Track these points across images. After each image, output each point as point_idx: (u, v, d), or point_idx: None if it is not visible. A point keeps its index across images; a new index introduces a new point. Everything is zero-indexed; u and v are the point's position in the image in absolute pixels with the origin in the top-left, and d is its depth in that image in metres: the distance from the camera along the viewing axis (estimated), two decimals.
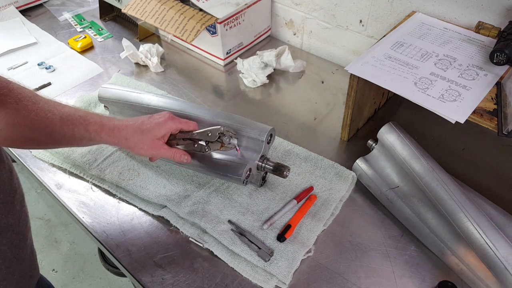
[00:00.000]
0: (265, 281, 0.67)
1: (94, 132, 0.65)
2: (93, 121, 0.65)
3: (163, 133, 0.70)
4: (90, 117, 0.65)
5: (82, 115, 0.64)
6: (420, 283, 0.67)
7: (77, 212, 0.78)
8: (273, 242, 0.71)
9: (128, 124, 0.68)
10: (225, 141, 0.71)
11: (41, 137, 0.61)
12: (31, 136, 0.60)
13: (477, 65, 0.75)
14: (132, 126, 0.68)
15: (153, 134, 0.69)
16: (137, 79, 1.09)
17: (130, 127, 0.68)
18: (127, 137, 0.67)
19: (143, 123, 0.69)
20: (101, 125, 0.66)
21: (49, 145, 0.66)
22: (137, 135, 0.68)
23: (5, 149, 0.69)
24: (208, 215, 0.75)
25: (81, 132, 0.64)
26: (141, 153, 0.70)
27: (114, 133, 0.67)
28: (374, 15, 0.98)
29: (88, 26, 1.30)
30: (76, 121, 0.63)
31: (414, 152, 0.73)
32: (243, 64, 1.08)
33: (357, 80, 0.77)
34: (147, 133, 0.68)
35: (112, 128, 0.67)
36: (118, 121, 0.68)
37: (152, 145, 0.69)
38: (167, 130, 0.70)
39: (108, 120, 0.67)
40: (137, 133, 0.68)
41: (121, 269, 0.74)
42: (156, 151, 0.70)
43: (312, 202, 0.77)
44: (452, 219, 0.65)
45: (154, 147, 0.69)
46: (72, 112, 0.63)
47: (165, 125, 0.70)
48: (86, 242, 1.69)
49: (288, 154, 0.86)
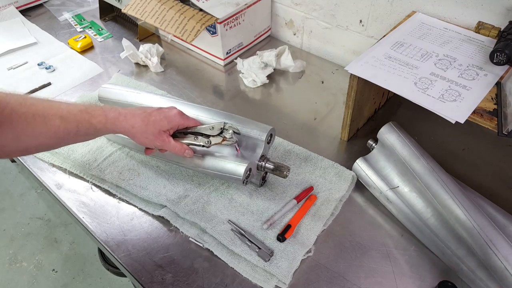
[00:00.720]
0: (265, 281, 0.67)
1: (99, 124, 0.66)
2: (96, 113, 0.66)
3: (170, 126, 0.71)
4: (92, 110, 0.66)
5: (83, 109, 0.65)
6: (420, 283, 0.67)
7: (77, 212, 0.78)
8: (273, 242, 0.71)
9: (136, 113, 0.69)
10: (226, 135, 0.72)
11: (46, 141, 0.62)
12: (37, 143, 0.62)
13: (477, 65, 0.75)
14: (140, 116, 0.69)
15: (161, 126, 0.70)
16: (137, 79, 1.09)
17: (138, 116, 0.69)
18: (134, 125, 0.68)
19: (152, 114, 0.70)
20: (104, 116, 0.66)
21: (59, 145, 0.67)
22: (145, 125, 0.68)
23: None
24: (208, 215, 0.75)
25: (85, 126, 0.64)
26: (145, 143, 0.71)
27: (120, 122, 0.68)
28: (374, 15, 0.98)
29: (88, 26, 1.30)
30: (78, 117, 0.63)
31: (414, 152, 0.73)
32: (243, 64, 1.08)
33: (357, 80, 0.77)
34: (155, 124, 0.69)
35: (117, 116, 0.68)
36: (123, 110, 0.69)
37: (158, 137, 0.70)
38: (175, 125, 0.72)
39: (112, 110, 0.68)
40: (144, 123, 0.69)
41: (121, 269, 0.74)
42: (161, 142, 0.71)
43: (312, 202, 0.77)
44: (452, 219, 0.65)
45: (160, 138, 0.70)
46: (71, 109, 0.64)
47: (174, 119, 0.71)
48: (86, 242, 1.69)
49: (288, 154, 0.86)
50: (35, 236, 1.74)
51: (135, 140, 0.71)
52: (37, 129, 0.60)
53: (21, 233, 1.75)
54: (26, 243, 1.72)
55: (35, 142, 0.62)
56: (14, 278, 1.61)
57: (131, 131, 0.69)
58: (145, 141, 0.71)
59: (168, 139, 0.71)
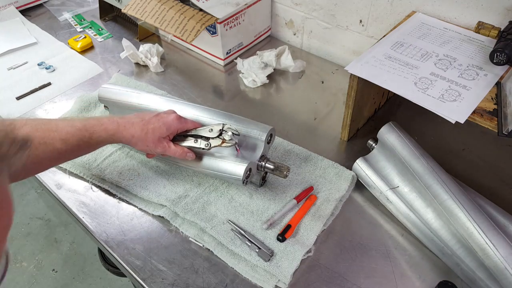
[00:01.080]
0: (265, 281, 0.67)
1: (99, 138, 0.69)
2: (95, 129, 0.68)
3: (169, 132, 0.71)
4: (90, 126, 0.68)
5: (81, 127, 0.67)
6: (420, 283, 0.67)
7: (77, 212, 0.78)
8: (273, 242, 0.71)
9: (135, 121, 0.70)
10: (226, 137, 0.72)
11: (51, 163, 0.69)
12: (42, 167, 0.68)
13: (477, 65, 0.75)
14: (139, 124, 0.70)
15: (160, 133, 0.70)
16: (137, 79, 1.09)
17: (137, 125, 0.70)
18: (134, 135, 0.69)
19: (150, 122, 0.70)
20: (104, 130, 0.68)
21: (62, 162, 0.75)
22: (144, 133, 0.69)
23: None
24: (208, 214, 0.75)
25: (86, 143, 0.68)
26: (146, 150, 0.73)
27: (121, 132, 0.69)
28: (374, 15, 0.98)
29: (88, 26, 1.30)
30: (78, 136, 0.67)
31: (414, 152, 0.73)
32: (243, 64, 1.08)
33: (357, 80, 0.77)
34: (154, 131, 0.70)
35: (117, 128, 0.69)
36: (121, 119, 0.69)
37: (158, 144, 0.71)
38: (174, 130, 0.72)
39: (110, 122, 0.69)
40: (144, 131, 0.69)
41: (121, 269, 0.74)
42: (161, 149, 0.71)
43: (312, 202, 0.77)
44: (452, 219, 0.65)
45: (160, 146, 0.71)
46: (69, 130, 0.67)
47: (172, 124, 0.71)
48: (86, 242, 1.69)
49: (288, 154, 0.86)
50: (35, 236, 1.74)
51: (136, 148, 0.72)
52: (40, 156, 0.64)
53: (21, 233, 1.75)
54: (26, 243, 1.72)
55: (41, 168, 0.69)
56: (14, 278, 1.61)
57: (132, 140, 0.70)
58: (146, 149, 0.72)
59: (168, 144, 0.71)
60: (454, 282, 0.63)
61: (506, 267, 0.59)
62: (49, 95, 1.04)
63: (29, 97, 1.04)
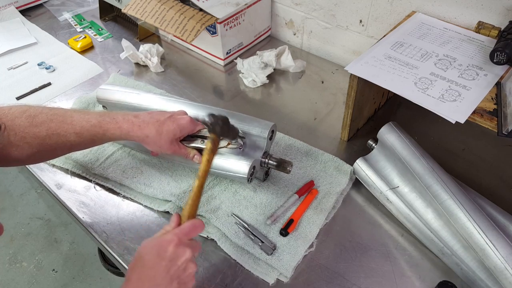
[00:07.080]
0: (266, 274, 0.68)
1: (113, 136, 0.69)
2: (109, 127, 0.68)
3: (182, 134, 0.72)
4: (105, 123, 0.68)
5: (96, 123, 0.68)
6: (420, 283, 0.67)
7: (77, 212, 0.78)
8: (276, 236, 0.72)
9: (150, 121, 0.70)
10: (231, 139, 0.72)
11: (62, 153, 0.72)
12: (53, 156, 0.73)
13: (477, 65, 0.75)
14: (154, 125, 0.70)
15: (174, 135, 0.71)
16: (137, 79, 1.09)
17: (152, 125, 0.70)
18: (148, 135, 0.69)
19: (165, 123, 0.70)
20: (118, 128, 0.69)
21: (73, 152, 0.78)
22: (158, 135, 0.70)
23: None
24: (212, 207, 0.76)
25: (100, 139, 0.69)
26: (157, 150, 0.73)
27: (135, 132, 0.69)
28: (374, 15, 0.98)
29: (88, 26, 1.30)
30: (92, 131, 0.67)
31: (414, 152, 0.73)
32: (243, 64, 1.08)
33: (357, 80, 0.77)
34: (168, 133, 0.70)
35: (131, 127, 0.69)
36: (136, 118, 0.70)
37: (171, 146, 0.71)
38: (186, 132, 0.73)
39: (125, 121, 0.69)
40: (158, 132, 0.70)
41: (121, 269, 0.74)
42: (173, 151, 0.72)
43: (314, 196, 0.78)
44: (452, 219, 0.65)
45: (172, 148, 0.72)
46: (84, 124, 0.67)
47: (186, 127, 0.72)
48: (86, 242, 1.69)
49: (290, 148, 0.87)
50: (35, 236, 1.74)
51: (148, 147, 0.72)
52: (53, 146, 0.66)
53: (21, 233, 1.75)
54: (26, 243, 1.72)
55: (53, 155, 0.72)
56: (14, 278, 1.61)
57: (145, 140, 0.70)
58: (158, 149, 0.72)
59: (179, 146, 0.72)
60: (454, 282, 0.64)
61: (506, 267, 0.59)
62: (49, 95, 1.05)
63: (29, 97, 1.04)
